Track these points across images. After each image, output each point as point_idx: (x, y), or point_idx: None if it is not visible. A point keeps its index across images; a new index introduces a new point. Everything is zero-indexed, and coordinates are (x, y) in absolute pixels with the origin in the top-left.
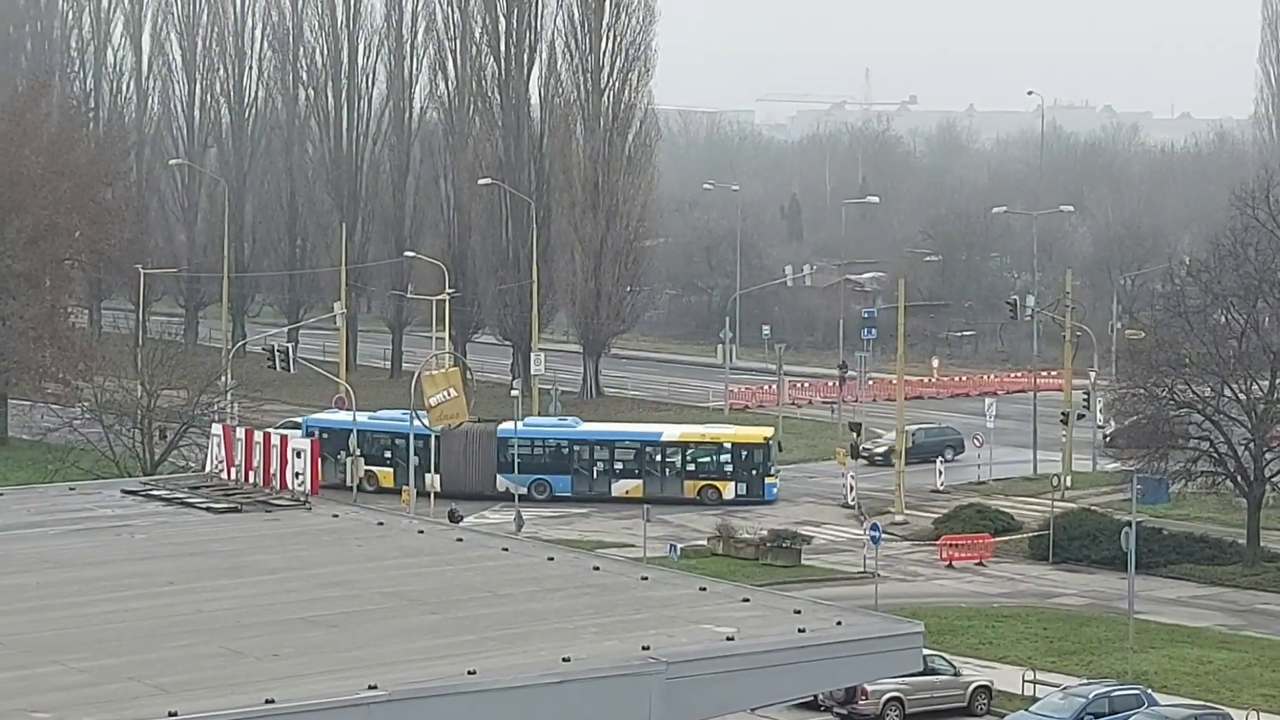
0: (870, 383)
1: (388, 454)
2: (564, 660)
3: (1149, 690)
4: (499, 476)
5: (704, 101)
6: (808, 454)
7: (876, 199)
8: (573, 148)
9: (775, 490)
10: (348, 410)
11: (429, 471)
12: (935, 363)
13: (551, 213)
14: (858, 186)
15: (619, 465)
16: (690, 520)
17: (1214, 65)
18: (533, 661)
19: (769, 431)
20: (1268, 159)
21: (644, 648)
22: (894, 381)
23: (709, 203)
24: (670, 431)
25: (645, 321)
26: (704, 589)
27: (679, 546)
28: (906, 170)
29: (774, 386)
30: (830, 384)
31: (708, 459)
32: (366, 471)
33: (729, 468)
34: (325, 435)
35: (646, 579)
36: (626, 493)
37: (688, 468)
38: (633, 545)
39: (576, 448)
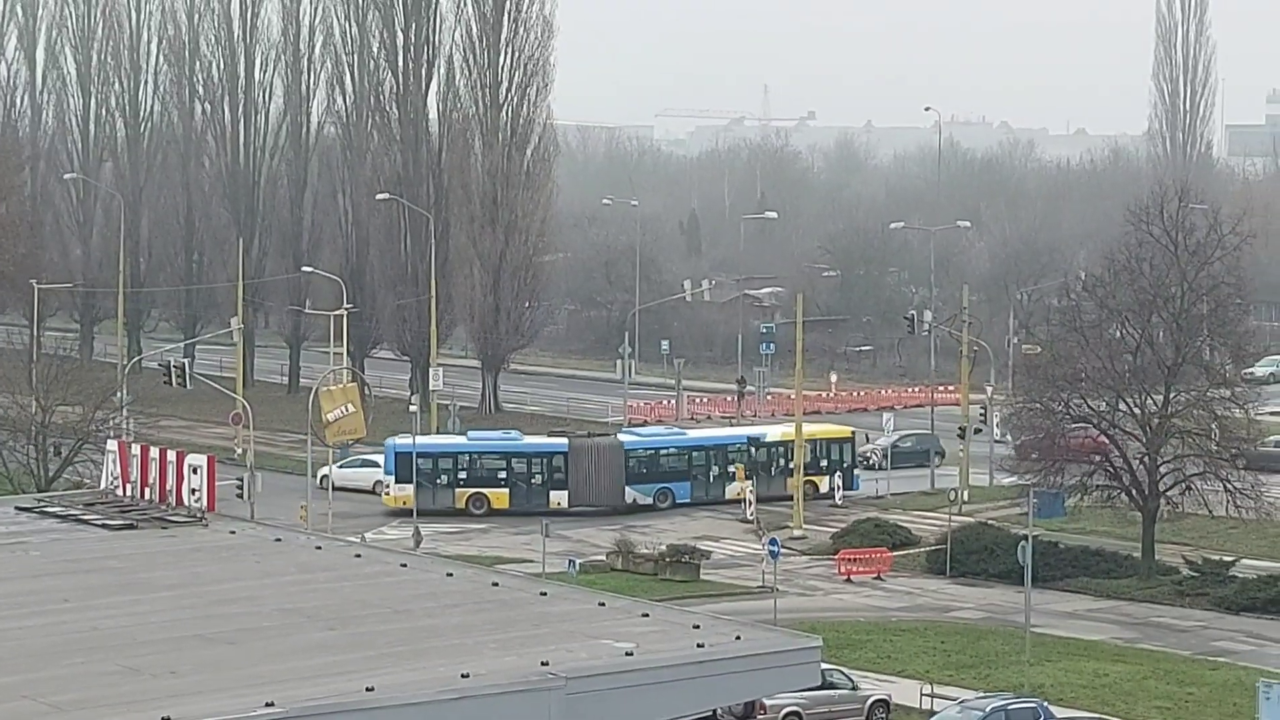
0: (769, 397)
1: (501, 474)
2: (463, 676)
3: (1045, 703)
4: (627, 488)
5: (603, 117)
6: None
7: (775, 214)
8: (471, 163)
9: (860, 482)
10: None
11: (553, 489)
12: (833, 377)
13: (450, 228)
14: (756, 202)
15: (730, 468)
16: (589, 536)
17: (1109, 82)
18: (431, 678)
19: (850, 429)
20: (1162, 175)
21: (543, 663)
22: (792, 396)
23: (608, 218)
24: (773, 431)
25: (544, 337)
26: (603, 604)
27: (578, 562)
28: (805, 186)
29: (673, 402)
30: (729, 399)
31: (806, 456)
32: (475, 494)
33: (824, 463)
34: (420, 461)
35: (545, 594)
36: (737, 495)
37: (788, 466)
38: (531, 561)
39: (694, 454)
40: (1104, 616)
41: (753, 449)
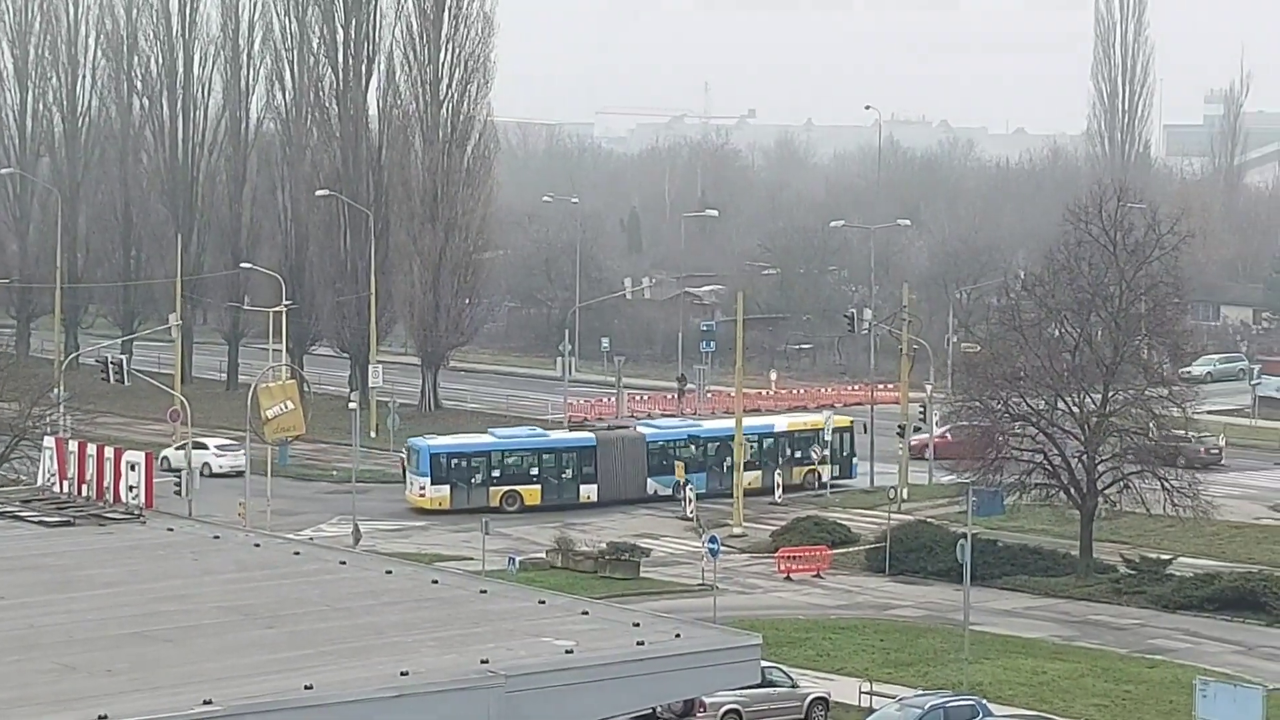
0: (709, 395)
1: (533, 471)
2: (402, 674)
3: (984, 701)
4: (649, 480)
5: (543, 114)
6: None
7: (715, 212)
8: (411, 160)
9: (858, 470)
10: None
11: (583, 483)
12: (773, 375)
13: (390, 225)
14: (697, 200)
15: (819, 451)
16: (529, 534)
17: (1048, 82)
18: (370, 675)
19: (849, 419)
20: (1100, 175)
21: (483, 661)
22: (733, 394)
23: (548, 215)
24: (780, 422)
25: (484, 334)
26: (543, 602)
27: (518, 559)
28: (745, 184)
29: (613, 399)
30: (669, 396)
31: (811, 446)
32: (508, 492)
33: (826, 452)
34: (454, 460)
35: (485, 592)
36: (749, 484)
37: (795, 455)
38: (471, 558)
39: (710, 445)
40: (1042, 614)
41: (765, 440)
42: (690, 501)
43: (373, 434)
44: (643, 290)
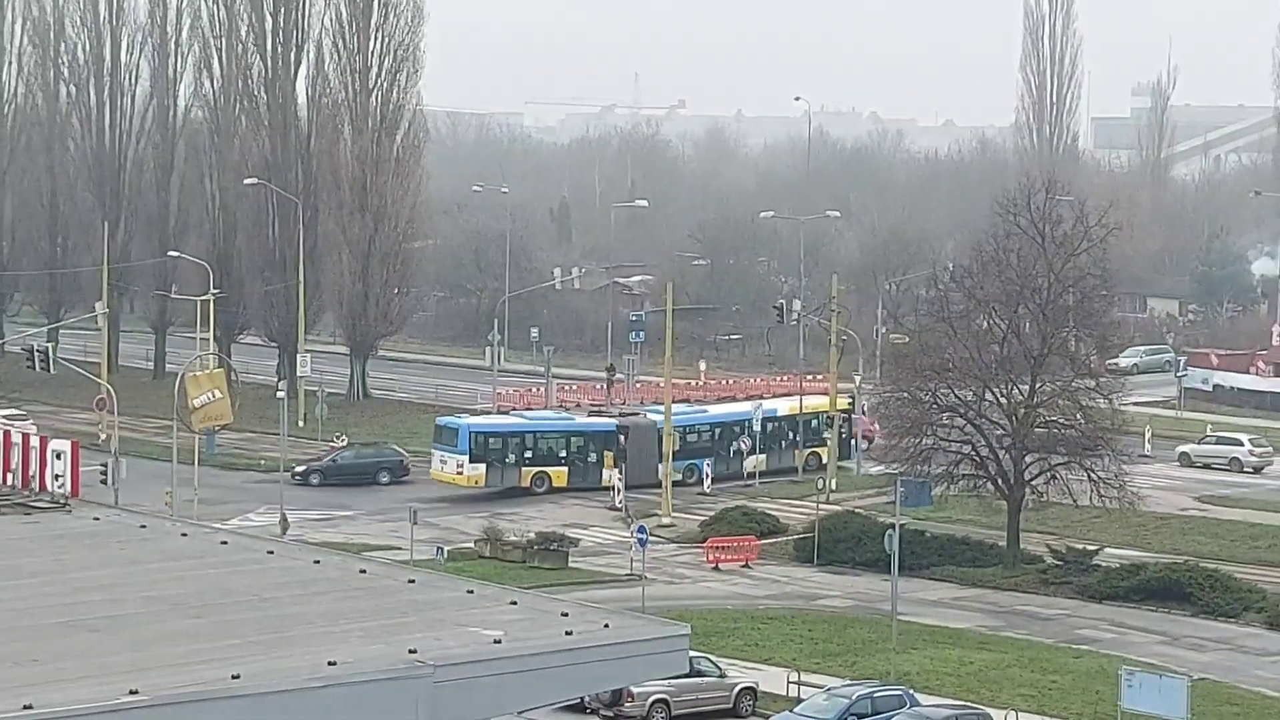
0: (638, 385)
1: (561, 453)
2: (330, 664)
3: (911, 691)
4: (660, 465)
5: (473, 103)
6: None
7: (645, 202)
8: (340, 148)
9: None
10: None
11: (607, 468)
12: (702, 366)
13: (319, 213)
14: (627, 190)
15: (748, 442)
16: (458, 523)
17: (977, 73)
18: (298, 665)
19: (849, 401)
20: (1029, 167)
21: (411, 651)
22: (662, 384)
23: (478, 205)
24: (782, 405)
25: (413, 323)
26: (471, 592)
27: (446, 549)
28: (675, 174)
29: (542, 389)
30: (598, 386)
31: (813, 428)
32: (538, 473)
33: (826, 434)
34: (491, 439)
35: (414, 582)
36: (756, 467)
37: (797, 438)
38: (399, 548)
39: (718, 430)
40: (969, 605)
41: (769, 424)
42: (619, 492)
43: (300, 423)
44: (572, 280)
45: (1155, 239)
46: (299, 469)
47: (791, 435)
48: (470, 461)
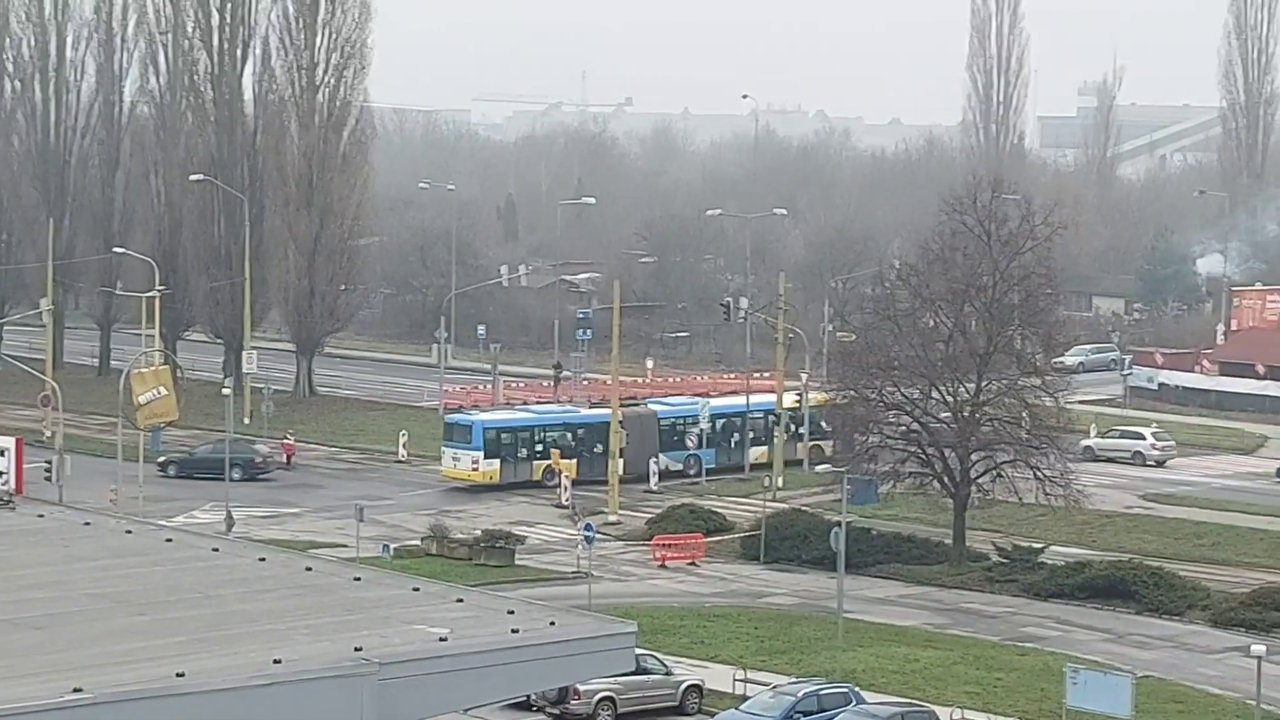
0: (585, 383)
1: (570, 446)
2: (275, 662)
3: (857, 688)
4: (660, 455)
5: (420, 100)
6: None
7: (592, 200)
8: (287, 145)
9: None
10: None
11: (552, 464)
12: (649, 363)
13: (265, 210)
14: (574, 187)
15: (750, 435)
16: (404, 520)
17: (924, 73)
18: (243, 663)
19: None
20: (975, 165)
21: (357, 649)
22: (608, 382)
23: (425, 202)
24: (788, 399)
25: (360, 320)
26: (417, 589)
27: (392, 547)
28: (622, 172)
29: (489, 386)
30: (545, 384)
31: (815, 422)
32: (549, 466)
33: (828, 427)
34: (504, 435)
35: (359, 579)
36: (757, 459)
37: (800, 431)
38: (345, 545)
39: (718, 422)
40: (915, 602)
41: (771, 417)
42: (565, 489)
43: (246, 420)
44: (519, 278)
45: (1101, 238)
46: (160, 459)
47: (795, 429)
48: (485, 457)
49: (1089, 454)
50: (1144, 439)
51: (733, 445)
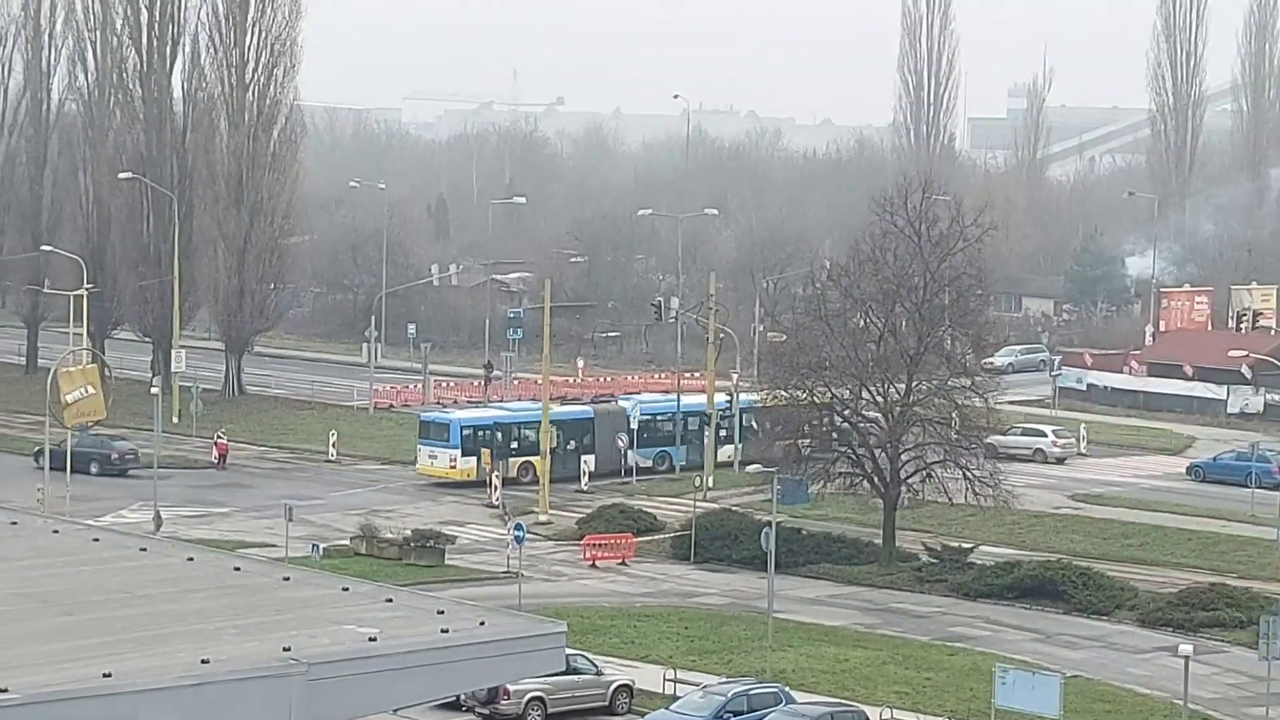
0: (515, 382)
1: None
2: (203, 662)
3: (787, 688)
4: (630, 452)
5: (351, 99)
6: None
7: (523, 199)
8: (216, 143)
9: None
10: None
11: (584, 454)
12: (580, 363)
13: (194, 208)
14: (505, 187)
15: (721, 433)
16: (333, 520)
17: (854, 73)
18: (171, 663)
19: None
20: (906, 166)
21: (285, 649)
22: (539, 381)
23: (355, 201)
24: (757, 397)
25: (289, 319)
26: (347, 589)
27: (321, 546)
28: (554, 171)
29: (419, 386)
30: (476, 383)
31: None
32: (524, 463)
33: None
34: (480, 432)
35: (288, 579)
36: (728, 458)
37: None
38: (275, 545)
39: (689, 419)
40: (845, 602)
41: (744, 414)
42: (496, 489)
43: (175, 419)
44: (450, 277)
45: (1030, 239)
46: (36, 450)
47: (770, 426)
48: (463, 455)
49: (990, 451)
50: (1045, 436)
51: (702, 443)
